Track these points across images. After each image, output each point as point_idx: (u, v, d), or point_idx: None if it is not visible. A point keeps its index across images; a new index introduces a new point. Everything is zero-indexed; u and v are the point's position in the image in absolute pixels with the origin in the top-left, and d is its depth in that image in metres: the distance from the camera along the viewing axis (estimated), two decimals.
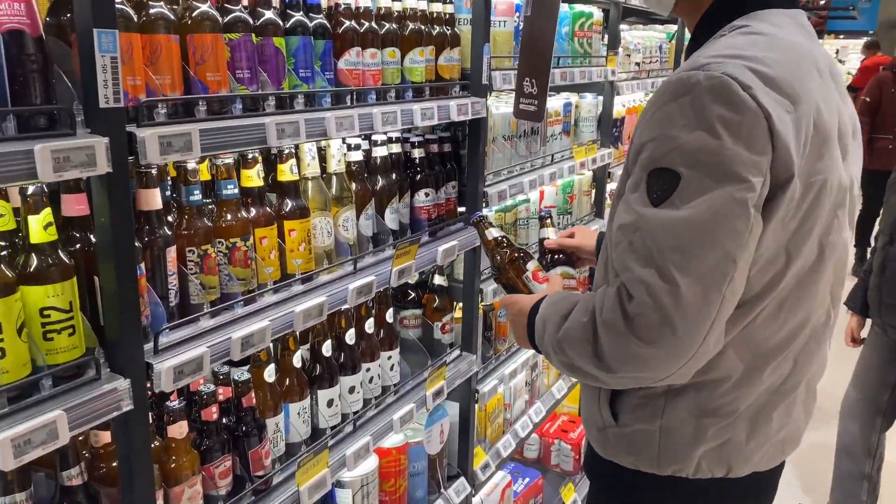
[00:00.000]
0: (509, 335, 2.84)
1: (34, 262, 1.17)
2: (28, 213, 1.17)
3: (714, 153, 1.09)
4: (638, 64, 3.71)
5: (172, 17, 1.36)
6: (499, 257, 1.65)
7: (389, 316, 2.16)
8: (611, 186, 3.71)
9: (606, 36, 3.32)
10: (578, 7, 3.02)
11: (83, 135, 1.16)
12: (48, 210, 1.18)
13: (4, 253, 1.16)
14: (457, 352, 2.48)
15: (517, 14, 2.48)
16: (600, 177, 3.52)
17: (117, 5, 1.20)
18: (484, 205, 2.43)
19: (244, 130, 1.43)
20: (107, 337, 1.28)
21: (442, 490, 2.46)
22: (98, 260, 1.25)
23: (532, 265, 1.62)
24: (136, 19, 1.30)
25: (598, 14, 3.18)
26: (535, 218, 2.93)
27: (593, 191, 3.54)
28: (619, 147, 3.67)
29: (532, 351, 2.91)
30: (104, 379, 1.26)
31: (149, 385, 1.31)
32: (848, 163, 1.27)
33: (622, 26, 3.63)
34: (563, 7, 2.90)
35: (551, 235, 1.88)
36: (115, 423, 1.29)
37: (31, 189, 1.16)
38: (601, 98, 3.37)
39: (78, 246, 1.26)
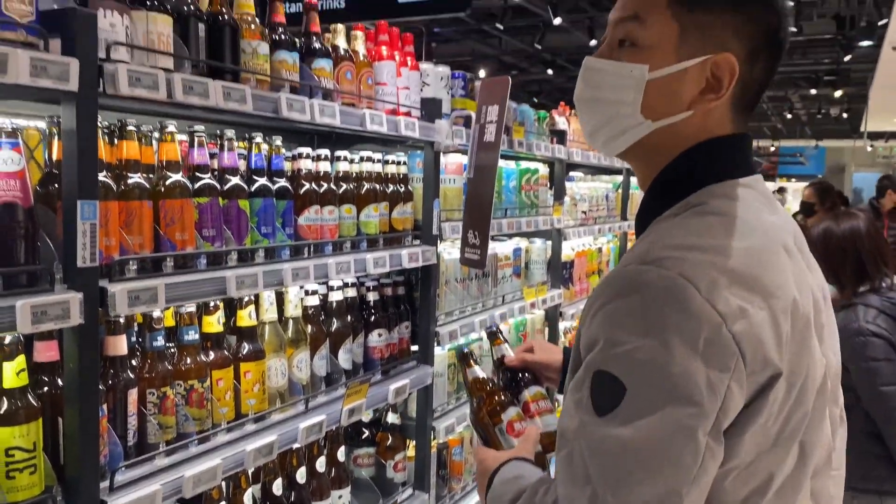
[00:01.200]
0: (464, 474, 2.90)
1: (4, 405, 1.29)
2: (3, 359, 1.30)
3: (662, 369, 0.95)
4: (584, 212, 4.02)
5: (147, 185, 1.57)
6: (475, 401, 1.52)
7: (341, 454, 2.24)
8: (563, 325, 3.90)
9: (553, 188, 3.64)
10: (524, 164, 3.34)
11: (60, 290, 1.32)
12: (22, 357, 1.31)
13: None
14: (409, 490, 2.54)
15: (465, 172, 2.76)
16: (552, 315, 3.71)
17: (100, 178, 1.40)
18: (436, 344, 2.58)
19: (206, 283, 1.60)
20: (66, 474, 1.37)
21: None
22: (64, 403, 1.37)
23: (510, 415, 1.47)
24: (115, 189, 1.50)
25: (543, 169, 3.51)
26: (486, 355, 3.08)
27: (546, 329, 3.72)
28: (570, 287, 3.91)
29: None
30: None
31: None
32: (824, 344, 1.10)
33: (572, 176, 3.97)
34: (510, 164, 3.22)
35: (509, 352, 1.67)
36: None
37: (7, 338, 1.30)
38: (549, 243, 3.63)
39: (45, 389, 1.39)
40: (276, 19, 1.91)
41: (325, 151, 2.16)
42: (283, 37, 1.88)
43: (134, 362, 1.60)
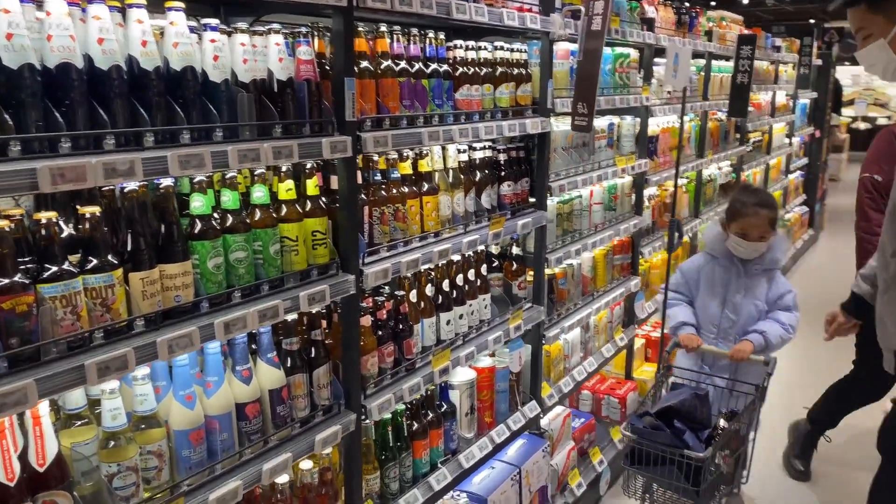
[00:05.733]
0: (566, 300, 3.71)
1: (310, 205, 2.13)
2: (307, 177, 2.13)
3: None
4: (669, 92, 4.59)
5: (372, 68, 2.33)
6: None
7: (484, 270, 3.06)
8: (648, 191, 4.57)
9: (642, 70, 4.22)
10: (619, 49, 3.93)
11: (337, 136, 2.11)
12: (316, 177, 2.14)
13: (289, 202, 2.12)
14: (529, 304, 3.36)
15: (572, 57, 3.40)
16: (639, 182, 4.38)
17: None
18: (549, 195, 3.33)
19: (410, 136, 2.37)
20: (340, 253, 2.22)
21: (519, 407, 3.33)
22: (339, 210, 2.20)
23: None
24: (357, 71, 2.27)
25: (634, 54, 4.09)
26: (586, 210, 3.82)
27: (633, 193, 4.40)
28: (654, 159, 4.54)
29: (586, 313, 3.78)
30: (340, 275, 2.20)
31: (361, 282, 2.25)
32: None
33: (658, 62, 4.53)
34: (607, 49, 3.82)
35: None
36: (343, 301, 2.22)
37: (309, 164, 2.12)
38: (638, 119, 4.26)
39: (330, 201, 2.22)
40: None
41: (471, 42, 2.86)
42: None
43: (364, 190, 2.42)
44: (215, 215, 1.95)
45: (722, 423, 3.13)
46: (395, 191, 2.51)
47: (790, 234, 8.66)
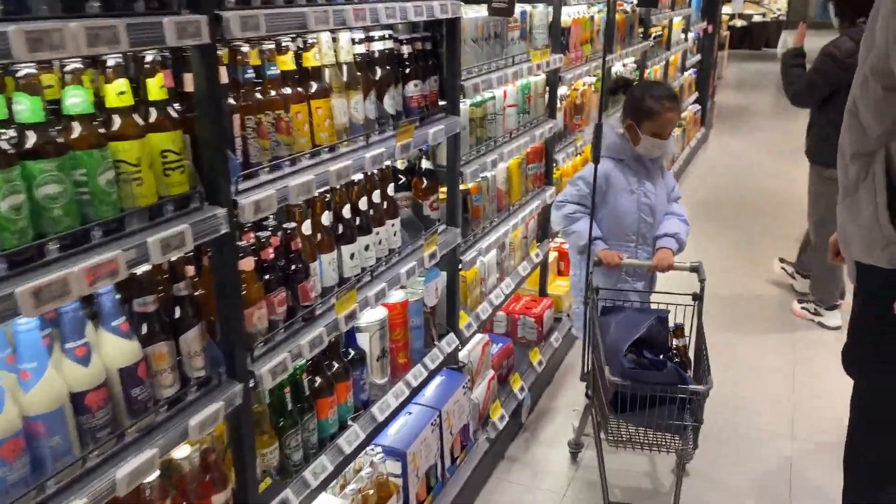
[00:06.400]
0: (481, 217, 3.28)
1: (154, 114, 1.53)
2: (145, 76, 1.51)
3: None
4: None
5: None
6: None
7: (391, 190, 2.55)
8: (561, 91, 4.13)
9: None
10: None
11: (187, 15, 1.50)
12: (161, 74, 1.52)
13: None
14: (443, 226, 2.90)
15: None
16: (552, 80, 3.93)
17: None
18: (461, 97, 2.82)
19: (292, 17, 1.78)
20: (205, 179, 1.65)
21: (436, 343, 2.92)
22: (199, 118, 1.61)
23: None
24: None
25: None
26: (500, 113, 3.34)
27: (546, 93, 3.95)
28: (567, 54, 4.09)
29: (502, 231, 3.37)
30: (205, 209, 1.63)
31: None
32: None
33: None
34: None
35: None
36: (214, 243, 1.67)
37: (149, 57, 1.50)
38: (551, 8, 3.76)
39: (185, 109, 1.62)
40: None
41: None
42: None
43: (233, 93, 1.82)
44: (7, 133, 1.33)
45: (675, 342, 2.89)
46: (274, 92, 1.92)
47: (685, 133, 8.59)
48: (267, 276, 1.96)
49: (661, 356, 2.82)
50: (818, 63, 4.33)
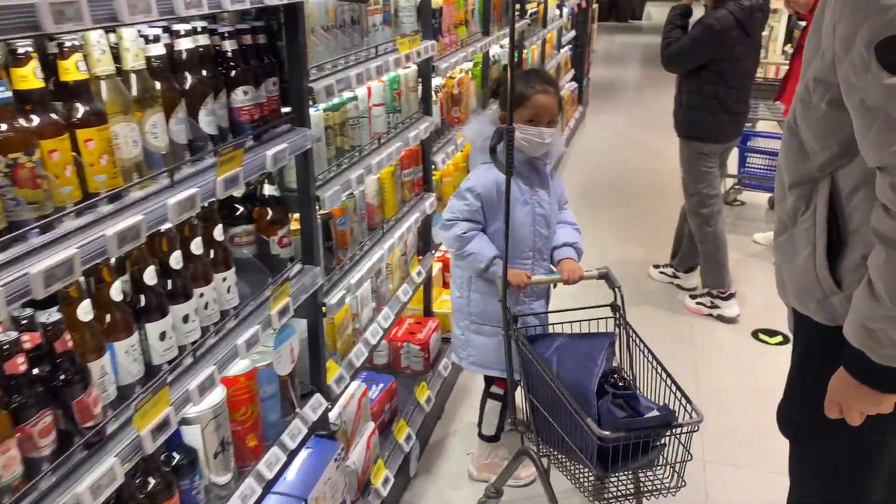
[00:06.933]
0: (350, 244, 2.71)
1: None
2: None
3: None
4: None
5: None
6: None
7: (219, 233, 1.93)
8: (436, 81, 3.60)
9: None
10: None
11: None
12: None
13: None
14: (298, 266, 2.31)
15: None
16: (425, 72, 3.39)
17: None
18: (311, 102, 2.22)
19: (9, 11, 1.12)
20: None
21: (297, 409, 2.34)
22: None
23: None
24: None
25: None
26: (364, 116, 2.77)
27: (420, 86, 3.41)
28: (440, 39, 3.55)
29: (377, 257, 2.82)
30: None
31: None
32: None
33: None
34: None
35: None
36: None
37: None
38: None
39: None
40: None
41: None
42: None
43: None
44: None
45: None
46: (4, 126, 1.26)
47: (563, 113, 8.32)
48: (17, 398, 1.32)
49: (617, 384, 2.44)
50: (695, 31, 4.24)
